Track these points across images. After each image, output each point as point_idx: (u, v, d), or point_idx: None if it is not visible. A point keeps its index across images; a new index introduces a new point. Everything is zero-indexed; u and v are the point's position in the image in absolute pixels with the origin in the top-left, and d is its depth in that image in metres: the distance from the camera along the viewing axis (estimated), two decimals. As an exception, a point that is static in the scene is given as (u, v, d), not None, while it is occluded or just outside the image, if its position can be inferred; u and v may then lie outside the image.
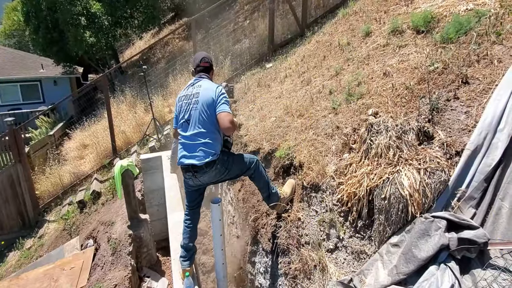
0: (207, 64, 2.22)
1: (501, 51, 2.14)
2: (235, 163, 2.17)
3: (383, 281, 1.72)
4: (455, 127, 1.93)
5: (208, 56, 2.25)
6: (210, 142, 2.01)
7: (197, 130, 2.02)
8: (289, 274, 2.22)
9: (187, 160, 2.02)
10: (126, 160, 3.44)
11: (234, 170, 2.17)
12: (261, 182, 2.31)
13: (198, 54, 2.27)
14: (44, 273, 3.66)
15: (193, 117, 2.03)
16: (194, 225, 2.25)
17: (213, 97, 2.01)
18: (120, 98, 7.44)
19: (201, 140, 2.00)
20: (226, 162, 2.10)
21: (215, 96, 2.01)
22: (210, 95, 2.02)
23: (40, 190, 6.06)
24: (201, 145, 2.00)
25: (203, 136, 2.01)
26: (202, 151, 1.99)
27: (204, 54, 2.26)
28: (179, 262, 2.19)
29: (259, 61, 5.72)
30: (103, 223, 4.15)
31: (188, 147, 2.04)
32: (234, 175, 2.23)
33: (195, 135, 2.02)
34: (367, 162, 2.05)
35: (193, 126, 2.04)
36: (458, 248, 1.53)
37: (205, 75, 2.19)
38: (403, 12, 3.45)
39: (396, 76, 2.62)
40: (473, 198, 1.71)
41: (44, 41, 11.15)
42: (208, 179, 2.09)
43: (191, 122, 2.04)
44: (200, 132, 2.01)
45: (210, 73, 2.25)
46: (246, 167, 2.23)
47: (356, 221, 2.03)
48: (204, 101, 2.01)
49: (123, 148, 6.00)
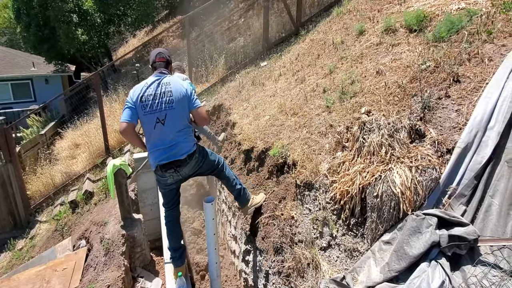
0: (164, 60, 2.20)
1: (492, 49, 2.16)
2: (208, 155, 2.30)
3: (375, 279, 1.73)
4: (446, 125, 1.95)
5: (164, 51, 2.25)
6: (187, 136, 2.12)
7: (175, 128, 2.07)
8: (283, 273, 2.22)
9: (169, 158, 2.06)
10: (119, 159, 3.40)
11: (208, 161, 2.29)
12: (231, 180, 2.43)
13: (154, 51, 2.27)
14: (36, 274, 3.60)
15: (169, 117, 2.04)
16: (177, 224, 2.30)
17: (186, 94, 2.08)
18: (113, 97, 7.35)
19: (180, 136, 2.08)
20: (202, 151, 2.24)
21: (188, 92, 2.10)
22: (183, 92, 2.08)
23: (31, 190, 5.96)
24: (182, 141, 2.08)
25: (181, 132, 2.09)
26: (183, 146, 2.08)
27: (160, 50, 2.27)
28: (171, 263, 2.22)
29: (253, 60, 5.70)
30: (95, 223, 4.09)
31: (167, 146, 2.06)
32: (208, 167, 2.32)
33: (174, 133, 2.06)
34: (359, 160, 2.06)
35: (170, 125, 2.05)
36: (449, 245, 1.55)
37: (166, 71, 2.19)
38: (396, 11, 3.47)
39: (389, 74, 2.63)
40: (464, 195, 1.73)
41: (35, 38, 10.96)
42: (188, 171, 2.17)
43: (167, 122, 2.05)
44: (179, 130, 2.08)
45: (169, 68, 2.26)
46: (218, 163, 2.37)
47: (349, 219, 2.03)
48: (178, 100, 2.06)
49: (116, 147, 5.93)
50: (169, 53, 2.28)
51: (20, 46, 17.70)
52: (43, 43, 11.08)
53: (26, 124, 9.57)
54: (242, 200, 2.49)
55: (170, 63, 2.26)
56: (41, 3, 9.99)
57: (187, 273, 2.19)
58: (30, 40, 11.19)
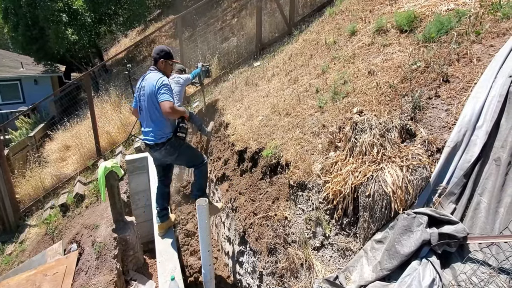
0: (153, 57, 2.52)
1: (480, 50, 2.20)
2: (186, 151, 2.59)
3: (368, 277, 1.74)
4: (436, 124, 1.97)
5: (157, 49, 2.53)
6: (162, 126, 2.41)
7: (148, 118, 2.43)
8: (276, 273, 2.22)
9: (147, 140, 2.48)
10: (110, 161, 3.34)
11: (182, 157, 2.59)
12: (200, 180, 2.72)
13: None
14: (26, 279, 3.52)
15: (144, 107, 2.45)
16: (164, 193, 2.81)
17: (153, 90, 2.34)
18: (104, 98, 7.23)
19: (151, 126, 2.43)
20: (178, 146, 2.50)
21: (155, 88, 2.33)
22: (151, 88, 2.36)
23: (20, 194, 5.82)
24: (151, 131, 2.43)
25: (152, 122, 2.42)
26: (153, 134, 2.43)
27: (158, 47, 2.56)
28: (156, 219, 2.80)
29: (247, 60, 5.69)
30: (87, 226, 4.02)
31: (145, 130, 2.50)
32: (180, 162, 2.76)
33: (147, 122, 2.46)
34: (352, 160, 2.07)
35: (146, 114, 2.44)
36: (439, 243, 1.57)
37: (154, 68, 2.51)
38: (388, 11, 3.50)
39: (380, 74, 2.65)
40: (453, 193, 1.75)
41: (23, 39, 10.70)
42: (160, 156, 2.55)
43: (144, 111, 2.46)
44: (150, 120, 2.42)
45: (158, 64, 2.51)
46: (194, 165, 2.69)
47: (341, 218, 2.04)
48: (148, 94, 2.38)
49: (107, 149, 5.83)
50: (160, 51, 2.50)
51: (8, 46, 17.28)
52: (32, 43, 10.83)
53: (15, 126, 9.36)
54: (194, 196, 2.71)
55: (157, 61, 2.50)
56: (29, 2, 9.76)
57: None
58: (19, 40, 10.92)
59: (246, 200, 2.88)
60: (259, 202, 2.67)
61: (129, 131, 5.67)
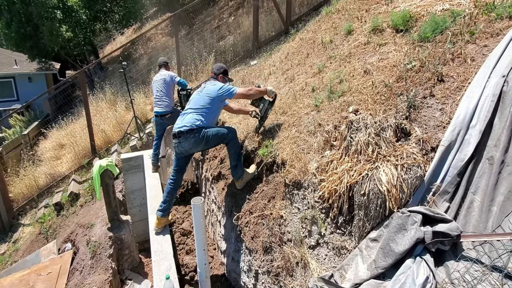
0: (216, 71, 2.98)
1: (474, 50, 2.22)
2: (213, 134, 2.69)
3: (363, 276, 1.75)
4: (431, 123, 1.99)
5: (218, 65, 3.01)
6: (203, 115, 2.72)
7: (195, 104, 2.78)
8: (272, 272, 2.22)
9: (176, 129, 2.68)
10: (105, 160, 3.32)
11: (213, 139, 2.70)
12: (233, 151, 2.78)
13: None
14: (20, 279, 3.48)
15: (194, 100, 2.84)
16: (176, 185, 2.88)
17: (216, 89, 2.74)
18: (99, 96, 7.17)
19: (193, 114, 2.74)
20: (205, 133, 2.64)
21: (220, 90, 2.74)
22: (214, 88, 2.74)
23: (14, 193, 5.75)
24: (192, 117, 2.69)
25: (195, 110, 2.76)
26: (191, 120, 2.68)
27: (217, 65, 3.04)
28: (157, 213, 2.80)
29: (243, 58, 5.67)
30: (81, 225, 3.99)
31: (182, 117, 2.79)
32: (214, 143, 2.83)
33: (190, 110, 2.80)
34: (347, 159, 2.07)
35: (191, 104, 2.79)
36: (433, 241, 1.58)
37: (213, 79, 2.97)
38: (384, 11, 3.52)
39: (376, 74, 2.66)
40: (447, 192, 1.77)
41: (17, 36, 10.56)
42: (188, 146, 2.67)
43: (191, 103, 2.84)
44: (194, 108, 2.77)
45: (218, 78, 2.96)
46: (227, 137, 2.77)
47: (337, 217, 2.05)
48: (206, 90, 2.79)
49: (103, 147, 5.79)
50: (220, 67, 2.97)
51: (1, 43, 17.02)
52: (25, 40, 10.68)
53: (8, 124, 9.23)
54: (236, 174, 2.83)
55: (218, 75, 2.94)
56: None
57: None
58: (12, 37, 10.76)
59: (242, 199, 2.87)
60: (255, 201, 2.66)
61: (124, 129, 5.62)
